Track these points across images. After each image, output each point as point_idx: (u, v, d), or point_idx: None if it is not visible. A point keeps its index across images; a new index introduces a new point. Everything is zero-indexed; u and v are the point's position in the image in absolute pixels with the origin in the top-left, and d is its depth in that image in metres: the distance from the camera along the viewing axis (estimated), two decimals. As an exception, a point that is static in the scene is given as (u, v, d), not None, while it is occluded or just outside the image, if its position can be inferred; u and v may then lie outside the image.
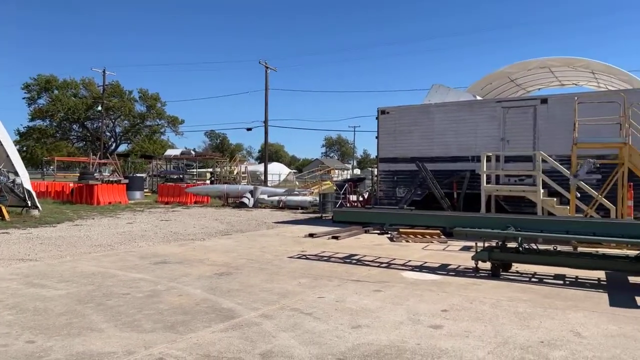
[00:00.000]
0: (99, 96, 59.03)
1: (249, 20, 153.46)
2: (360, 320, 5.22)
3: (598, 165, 10.13)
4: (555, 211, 11.42)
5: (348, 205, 19.66)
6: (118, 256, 9.23)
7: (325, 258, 9.26)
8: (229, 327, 4.93)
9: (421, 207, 13.75)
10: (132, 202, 25.65)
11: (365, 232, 13.24)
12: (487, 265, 7.88)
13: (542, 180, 11.66)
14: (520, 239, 7.61)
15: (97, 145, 61.99)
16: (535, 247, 7.83)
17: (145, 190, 30.07)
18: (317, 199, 19.73)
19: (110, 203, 24.06)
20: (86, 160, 30.86)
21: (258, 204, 22.93)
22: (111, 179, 25.39)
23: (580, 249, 9.44)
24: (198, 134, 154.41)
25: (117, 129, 71.65)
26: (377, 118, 15.63)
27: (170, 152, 38.99)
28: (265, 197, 22.78)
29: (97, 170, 29.03)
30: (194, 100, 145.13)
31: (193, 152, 37.73)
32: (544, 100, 12.96)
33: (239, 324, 5.04)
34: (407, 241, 11.69)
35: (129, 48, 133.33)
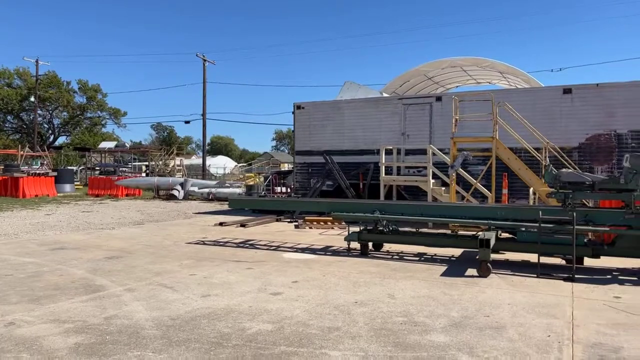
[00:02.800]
0: (34, 86, 56.90)
1: (192, 14, 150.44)
2: (213, 291, 5.99)
3: (471, 157, 11.33)
4: (443, 199, 12.62)
5: (273, 196, 20.40)
6: (19, 243, 9.59)
7: (222, 243, 9.98)
8: (90, 299, 5.57)
9: (333, 197, 14.69)
10: (61, 195, 25.39)
11: (277, 220, 14.01)
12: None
13: (434, 171, 12.84)
14: (385, 221, 8.61)
15: (34, 138, 59.79)
16: (398, 228, 8.84)
17: (76, 183, 29.68)
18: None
19: (37, 196, 23.77)
20: (15, 153, 30.02)
21: (188, 196, 23.29)
22: (38, 172, 24.94)
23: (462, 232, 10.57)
24: (144, 127, 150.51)
25: (56, 121, 69.14)
26: (293, 113, 16.44)
27: (104, 145, 38.43)
28: (195, 189, 23.17)
29: (26, 163, 28.34)
30: (135, 92, 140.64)
31: (127, 145, 37.36)
32: (439, 98, 14.16)
33: (100, 296, 5.69)
34: (311, 227, 12.58)
35: (70, 37, 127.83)
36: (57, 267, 7.39)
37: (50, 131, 69.13)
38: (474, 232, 9.91)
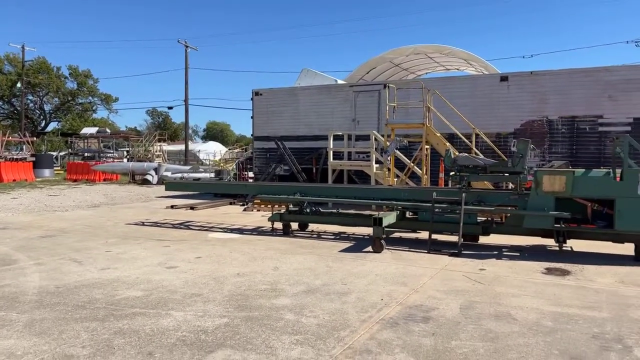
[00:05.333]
0: (24, 72, 57.15)
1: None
2: (115, 265, 6.54)
3: (406, 143, 11.85)
4: (385, 182, 13.15)
5: (241, 180, 20.92)
6: (-34, 225, 10.14)
7: (160, 224, 10.53)
8: (-4, 271, 6.14)
9: (288, 181, 15.22)
10: (40, 179, 25.90)
11: (231, 203, 14.57)
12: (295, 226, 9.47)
13: (377, 156, 13.36)
14: (305, 202, 9.16)
15: (24, 124, 60.28)
16: (320, 209, 9.38)
17: (57, 168, 30.20)
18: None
19: (14, 180, 24.28)
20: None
21: (162, 181, 23.80)
22: (16, 157, 25.46)
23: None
24: (140, 112, 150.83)
25: (47, 107, 69.40)
26: (252, 99, 16.90)
27: (86, 131, 39.01)
28: (169, 174, 23.67)
29: (7, 149, 28.84)
30: (122, 77, 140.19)
31: (108, 131, 37.89)
32: (386, 86, 14.58)
33: (7, 269, 6.25)
34: (258, 210, 13.13)
35: (60, 23, 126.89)
36: (-13, 244, 7.94)
37: (41, 117, 69.47)
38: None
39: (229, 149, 68.49)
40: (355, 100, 14.98)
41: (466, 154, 8.54)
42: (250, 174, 21.40)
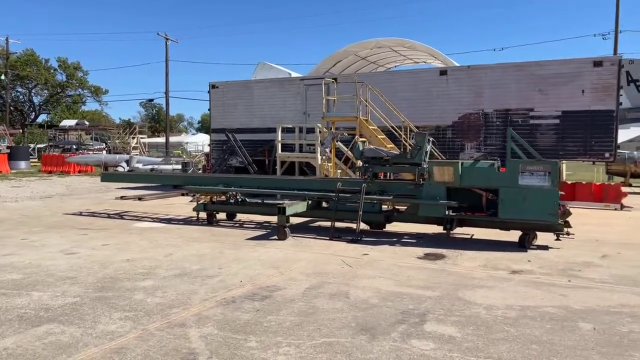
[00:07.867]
0: (11, 64, 57.29)
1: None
2: (19, 252, 6.89)
3: (346, 135, 12.18)
4: (329, 173, 13.48)
5: (207, 171, 21.24)
6: None
7: (97, 214, 10.87)
8: None
9: (243, 173, 15.57)
10: (15, 171, 26.19)
11: (182, 195, 14.91)
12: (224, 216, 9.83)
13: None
14: (229, 193, 9.50)
15: (14, 116, 60.57)
16: (245, 199, 9.71)
17: (34, 160, 30.51)
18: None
19: (-12, 173, 24.59)
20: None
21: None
22: (-9, 150, 25.78)
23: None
24: (134, 104, 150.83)
25: (36, 99, 69.55)
26: (208, 92, 17.19)
27: (65, 123, 39.29)
28: (140, 165, 23.95)
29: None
30: (117, 69, 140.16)
31: (87, 123, 38.21)
32: (335, 79, 14.89)
33: None
34: (205, 201, 13.47)
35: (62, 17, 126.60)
36: None
37: (30, 109, 69.62)
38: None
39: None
40: (306, 93, 15.28)
41: (372, 147, 8.88)
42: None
